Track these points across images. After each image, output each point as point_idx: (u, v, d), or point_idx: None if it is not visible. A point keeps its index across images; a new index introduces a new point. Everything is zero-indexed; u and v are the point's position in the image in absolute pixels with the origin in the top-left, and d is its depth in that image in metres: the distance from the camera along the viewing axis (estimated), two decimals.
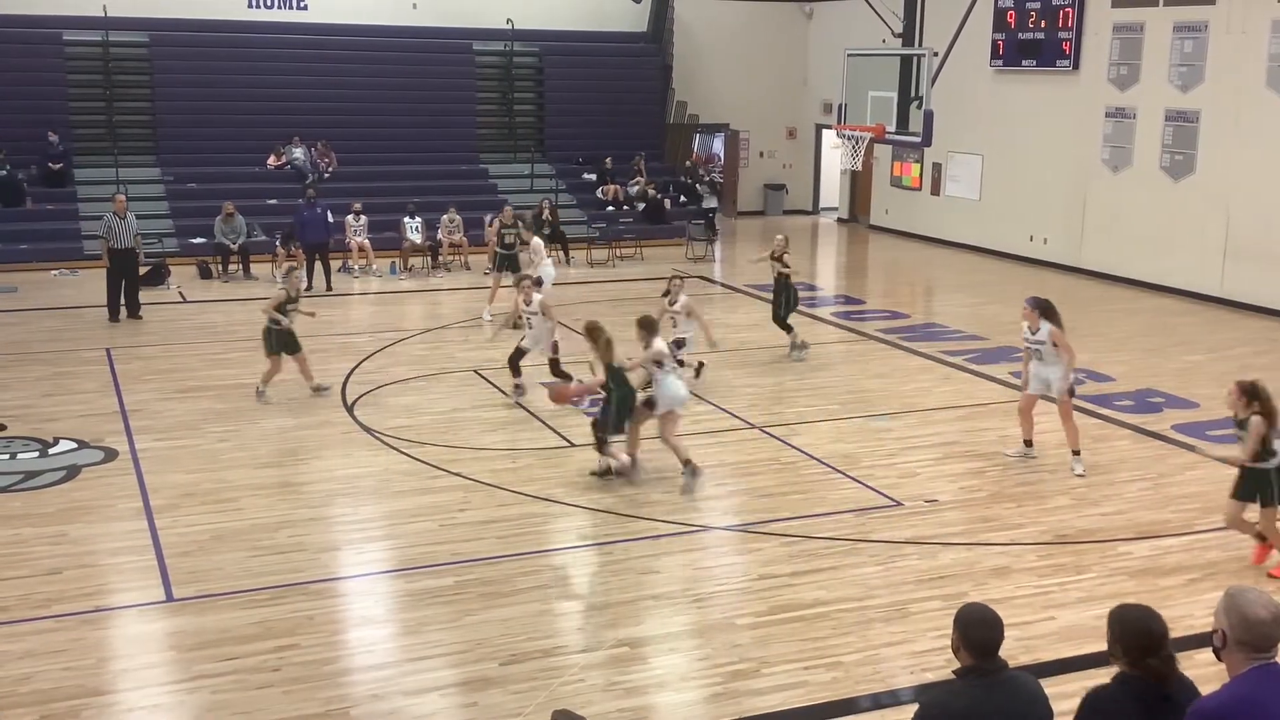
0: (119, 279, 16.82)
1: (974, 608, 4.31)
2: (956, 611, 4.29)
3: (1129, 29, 20.27)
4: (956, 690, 4.19)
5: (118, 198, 17.31)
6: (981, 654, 4.16)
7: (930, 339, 16.36)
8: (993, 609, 4.30)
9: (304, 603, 8.14)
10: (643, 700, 6.98)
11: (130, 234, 16.87)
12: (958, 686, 4.20)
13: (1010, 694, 4.18)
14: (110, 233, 16.79)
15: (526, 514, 9.85)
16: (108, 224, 16.86)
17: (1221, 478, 11.01)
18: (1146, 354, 15.61)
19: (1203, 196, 19.13)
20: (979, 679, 4.15)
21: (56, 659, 7.31)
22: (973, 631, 4.18)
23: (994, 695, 4.14)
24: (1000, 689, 4.16)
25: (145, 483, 10.40)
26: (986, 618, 4.22)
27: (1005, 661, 4.22)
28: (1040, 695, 4.25)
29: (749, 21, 28.49)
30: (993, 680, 4.16)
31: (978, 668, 4.17)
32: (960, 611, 4.27)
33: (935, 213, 25.21)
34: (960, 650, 4.20)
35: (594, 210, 24.60)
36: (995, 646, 4.18)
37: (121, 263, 16.80)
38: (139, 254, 17.19)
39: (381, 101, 24.79)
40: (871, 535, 9.44)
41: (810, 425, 12.32)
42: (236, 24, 24.63)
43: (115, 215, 16.80)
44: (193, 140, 23.63)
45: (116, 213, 16.82)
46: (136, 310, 17.02)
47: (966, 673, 4.19)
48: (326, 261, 19.59)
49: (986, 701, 4.12)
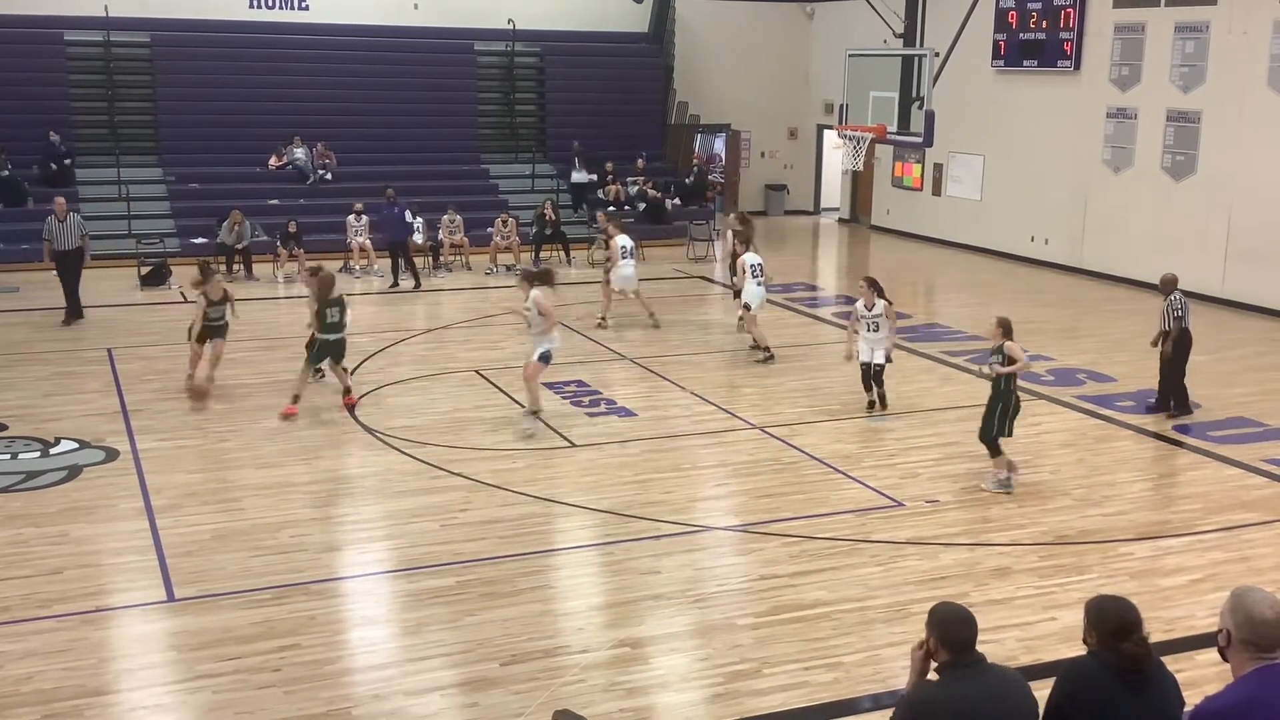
0: (65, 280, 16.61)
1: (947, 607, 4.43)
2: (929, 613, 4.40)
3: (1130, 29, 20.26)
4: (944, 683, 4.30)
5: (57, 200, 17.14)
6: (961, 650, 4.29)
7: (931, 339, 16.36)
8: (963, 606, 4.44)
9: (306, 603, 8.14)
10: (644, 700, 6.98)
11: (74, 235, 16.67)
12: (945, 680, 4.30)
13: (996, 682, 4.33)
14: (51, 234, 16.62)
15: (528, 514, 9.85)
16: (49, 227, 16.68)
17: (1223, 478, 11.04)
18: (1147, 354, 15.54)
19: (1204, 197, 19.13)
20: (964, 670, 4.28)
21: (58, 659, 7.32)
22: (953, 631, 4.30)
23: (980, 684, 4.27)
24: (985, 678, 4.30)
25: (147, 483, 10.40)
26: (964, 616, 4.35)
27: (981, 654, 4.34)
28: (1023, 681, 4.40)
29: (750, 21, 28.49)
30: (976, 671, 4.29)
31: (959, 662, 4.28)
32: (934, 612, 4.39)
33: (936, 213, 25.21)
34: (938, 650, 4.31)
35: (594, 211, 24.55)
36: (972, 642, 4.31)
37: (64, 264, 16.61)
38: (85, 254, 16.94)
39: (383, 102, 24.79)
40: (872, 536, 9.44)
41: (811, 425, 12.32)
42: (237, 24, 24.63)
43: (55, 218, 16.63)
44: (194, 140, 23.62)
45: (57, 215, 16.65)
46: (78, 312, 16.74)
47: (949, 667, 4.30)
48: (410, 259, 19.77)
49: (976, 689, 4.24)
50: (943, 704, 4.24)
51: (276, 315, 17.88)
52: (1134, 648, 4.24)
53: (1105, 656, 4.27)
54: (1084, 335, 16.89)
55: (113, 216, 21.76)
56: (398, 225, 19.79)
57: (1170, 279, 12.83)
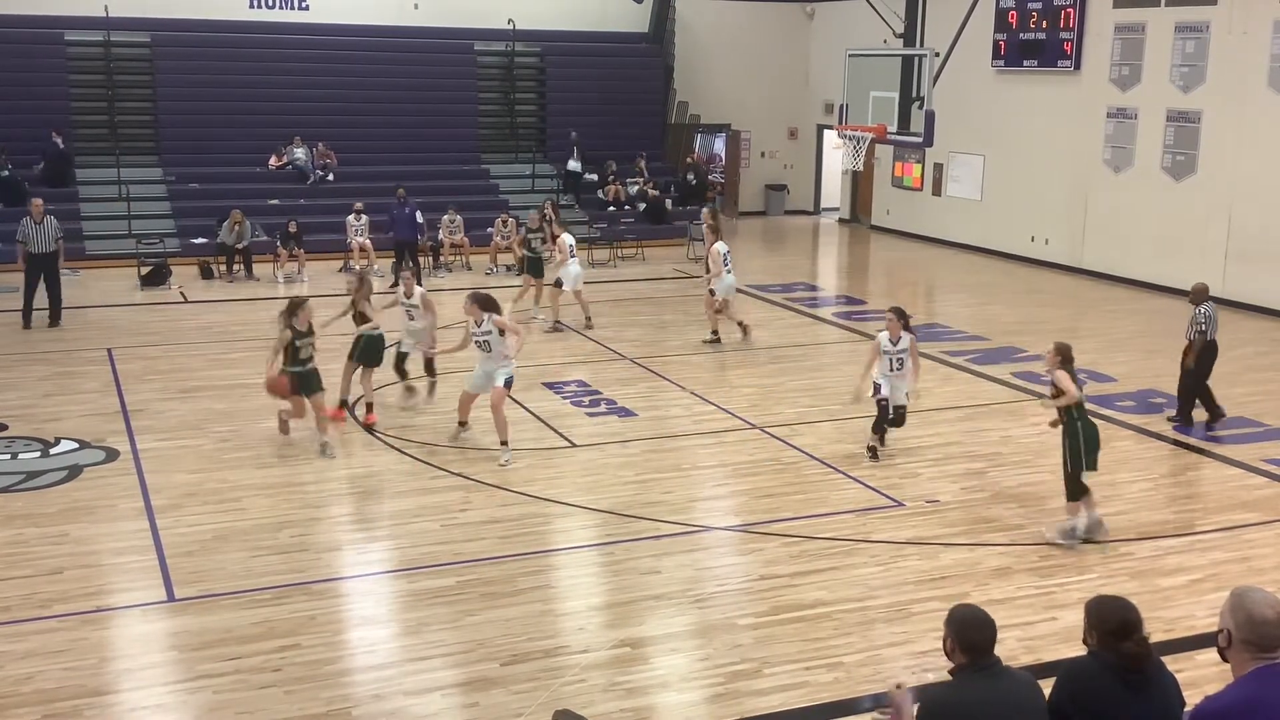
0: (36, 284, 16.43)
1: (966, 609, 4.42)
2: (948, 614, 4.39)
3: (1130, 29, 20.26)
4: (958, 685, 4.30)
5: (34, 202, 16.98)
6: (978, 653, 4.28)
7: (932, 339, 16.34)
8: (983, 609, 4.41)
9: (306, 603, 8.14)
10: (644, 700, 6.98)
11: (49, 238, 16.51)
12: (959, 682, 4.30)
13: (1011, 685, 4.31)
14: (27, 237, 16.45)
15: (528, 514, 9.85)
16: (24, 229, 16.50)
17: (1223, 478, 11.04)
18: (1148, 355, 15.60)
19: (1204, 197, 19.13)
20: (979, 673, 4.26)
21: (58, 659, 7.32)
22: (970, 634, 4.29)
23: (996, 687, 4.26)
24: (1001, 681, 4.29)
25: (147, 483, 10.40)
26: (981, 619, 4.34)
27: (998, 657, 4.33)
28: (1036, 685, 4.38)
29: (750, 22, 28.49)
30: (992, 674, 4.28)
31: (975, 665, 4.27)
32: (953, 614, 4.38)
33: (936, 213, 25.21)
34: (955, 652, 4.30)
35: (595, 211, 24.60)
36: (990, 645, 4.30)
37: (40, 266, 16.44)
38: (61, 256, 16.77)
39: (383, 102, 24.79)
40: (873, 536, 9.44)
41: (812, 425, 12.32)
42: (238, 24, 24.63)
43: (31, 220, 16.47)
44: (194, 140, 23.62)
45: (33, 217, 16.49)
46: (58, 318, 16.56)
47: (964, 670, 4.29)
48: (416, 260, 19.79)
49: (990, 693, 4.23)
50: (955, 706, 4.24)
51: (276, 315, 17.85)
52: (1134, 648, 4.25)
53: (1105, 656, 4.27)
54: (1084, 335, 16.87)
55: (113, 216, 21.77)
56: (408, 225, 19.79)
57: (1201, 289, 12.48)
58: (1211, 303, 12.43)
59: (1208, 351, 12.38)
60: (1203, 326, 12.28)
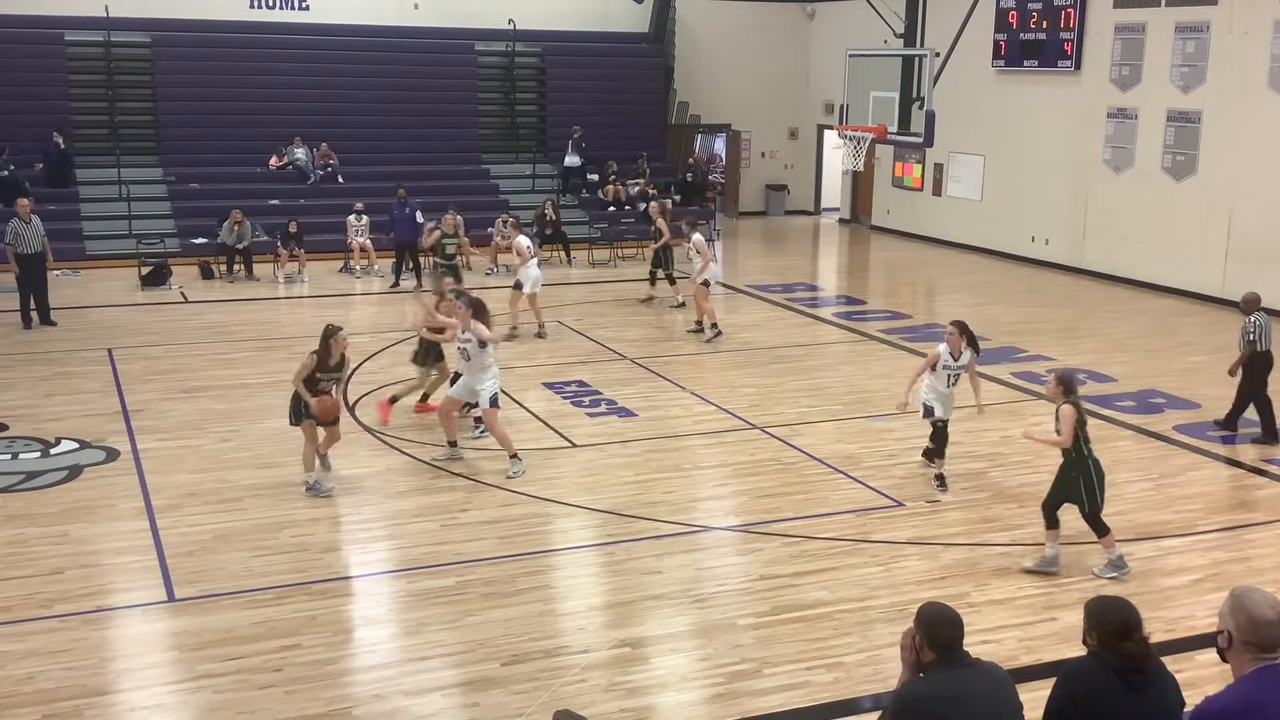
0: (29, 285, 16.36)
1: (934, 608, 4.45)
2: (916, 613, 4.43)
3: (1131, 29, 20.27)
4: (929, 679, 4.32)
5: (21, 202, 16.79)
6: (946, 650, 4.31)
7: (932, 339, 16.30)
8: (950, 606, 4.46)
9: (306, 603, 8.15)
10: (644, 700, 6.99)
11: (38, 238, 16.39)
12: (930, 677, 4.32)
13: (986, 679, 4.36)
14: (16, 238, 16.31)
15: (528, 514, 9.85)
16: (13, 229, 16.33)
17: (1224, 478, 11.04)
18: (1148, 355, 15.61)
19: (1205, 197, 19.13)
20: (953, 667, 4.30)
21: (59, 659, 7.32)
22: (942, 631, 4.33)
23: (968, 680, 4.29)
24: (975, 675, 4.33)
25: (147, 483, 10.40)
26: (949, 616, 4.38)
27: (967, 651, 4.37)
28: (1008, 678, 4.43)
29: (750, 22, 28.49)
30: (962, 667, 4.32)
31: (948, 660, 4.31)
32: (921, 613, 4.42)
33: (937, 213, 25.21)
34: (924, 649, 4.34)
35: (595, 210, 24.61)
36: (959, 641, 4.34)
37: (29, 268, 16.33)
38: (48, 255, 16.65)
39: (383, 102, 24.80)
40: (873, 535, 9.45)
41: (812, 426, 12.33)
42: (238, 24, 24.64)
43: (20, 220, 16.35)
44: (194, 140, 23.63)
45: (21, 217, 16.35)
46: (48, 317, 16.49)
47: (937, 665, 4.32)
48: (417, 260, 19.77)
49: (962, 686, 4.26)
50: (926, 700, 4.26)
51: (276, 315, 17.91)
52: (1134, 648, 4.26)
53: (1106, 656, 4.29)
54: (1084, 335, 16.89)
55: (113, 216, 21.77)
56: (408, 225, 19.79)
57: (1252, 298, 12.02)
58: (1263, 313, 12.02)
59: (1258, 362, 11.96)
60: (1251, 336, 11.88)
